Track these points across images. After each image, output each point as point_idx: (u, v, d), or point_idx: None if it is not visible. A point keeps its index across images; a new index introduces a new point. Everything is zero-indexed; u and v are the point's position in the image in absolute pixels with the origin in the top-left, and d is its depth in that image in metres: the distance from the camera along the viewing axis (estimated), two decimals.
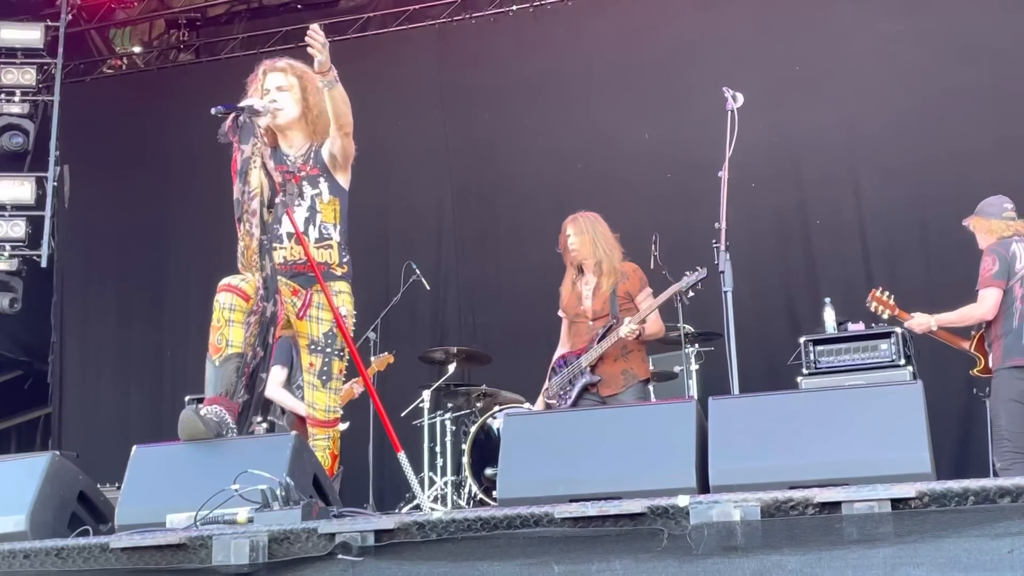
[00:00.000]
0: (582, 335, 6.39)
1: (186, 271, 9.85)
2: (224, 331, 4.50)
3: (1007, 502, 2.82)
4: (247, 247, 4.54)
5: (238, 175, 4.51)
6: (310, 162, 4.92)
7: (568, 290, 6.53)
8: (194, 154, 9.15)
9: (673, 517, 3.10)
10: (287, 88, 4.88)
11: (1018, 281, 5.90)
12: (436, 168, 9.78)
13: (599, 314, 6.31)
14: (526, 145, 9.47)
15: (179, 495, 3.79)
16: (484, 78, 9.84)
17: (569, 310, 6.50)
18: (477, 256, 9.66)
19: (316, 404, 4.86)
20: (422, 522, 3.35)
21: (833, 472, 3.28)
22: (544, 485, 3.62)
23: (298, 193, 4.85)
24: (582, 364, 6.28)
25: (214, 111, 4.54)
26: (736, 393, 4.80)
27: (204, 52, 11.04)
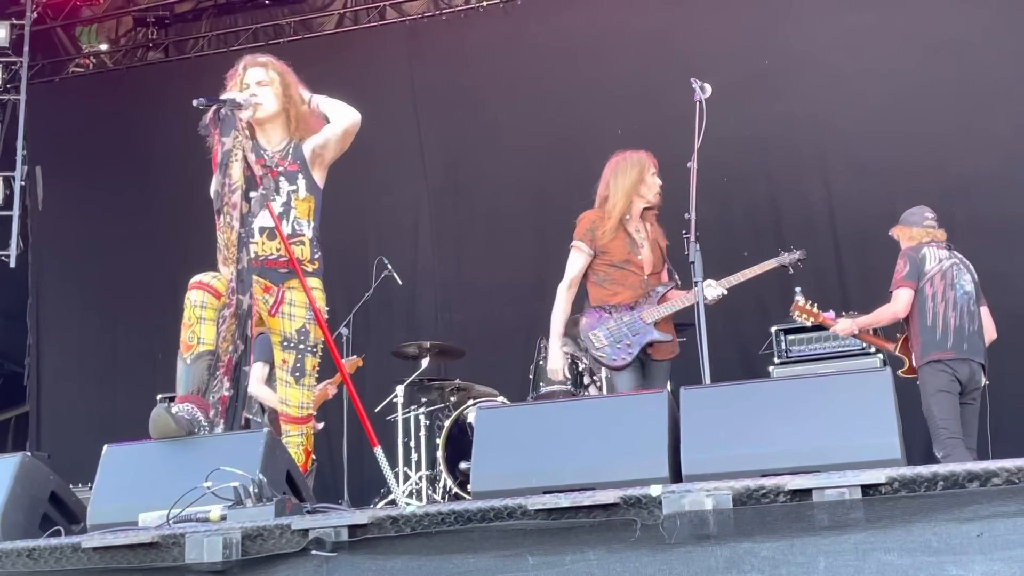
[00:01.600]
0: (628, 286, 5.87)
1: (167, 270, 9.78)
2: (195, 328, 4.49)
3: (976, 486, 2.84)
4: (228, 239, 4.53)
5: (218, 167, 4.51)
6: (288, 157, 4.92)
7: (612, 229, 5.86)
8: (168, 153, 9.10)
9: (646, 507, 3.11)
10: (267, 83, 4.88)
11: (928, 281, 6.30)
12: (411, 166, 9.75)
13: (655, 269, 5.93)
14: (499, 141, 9.47)
15: (151, 494, 3.76)
16: (456, 75, 9.82)
17: (616, 253, 5.87)
18: (452, 252, 9.65)
19: (289, 401, 4.85)
20: (396, 516, 3.34)
21: (804, 459, 3.29)
22: (517, 478, 3.61)
23: (274, 187, 4.84)
24: (646, 319, 5.80)
25: (196, 103, 4.56)
26: (708, 383, 4.82)
27: (173, 50, 10.97)
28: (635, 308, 5.81)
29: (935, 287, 6.28)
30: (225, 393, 4.40)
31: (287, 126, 4.95)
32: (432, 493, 7.57)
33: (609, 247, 5.84)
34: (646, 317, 5.76)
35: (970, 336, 6.22)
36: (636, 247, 5.84)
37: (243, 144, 4.59)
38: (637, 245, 5.85)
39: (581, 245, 5.88)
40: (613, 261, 5.84)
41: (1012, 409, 7.20)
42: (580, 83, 9.32)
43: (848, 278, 7.95)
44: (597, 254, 5.88)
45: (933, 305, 6.27)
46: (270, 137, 4.94)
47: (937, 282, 6.29)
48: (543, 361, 7.29)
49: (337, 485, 7.87)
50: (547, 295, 9.11)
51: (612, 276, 5.87)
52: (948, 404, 6.09)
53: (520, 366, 8.20)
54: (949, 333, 6.20)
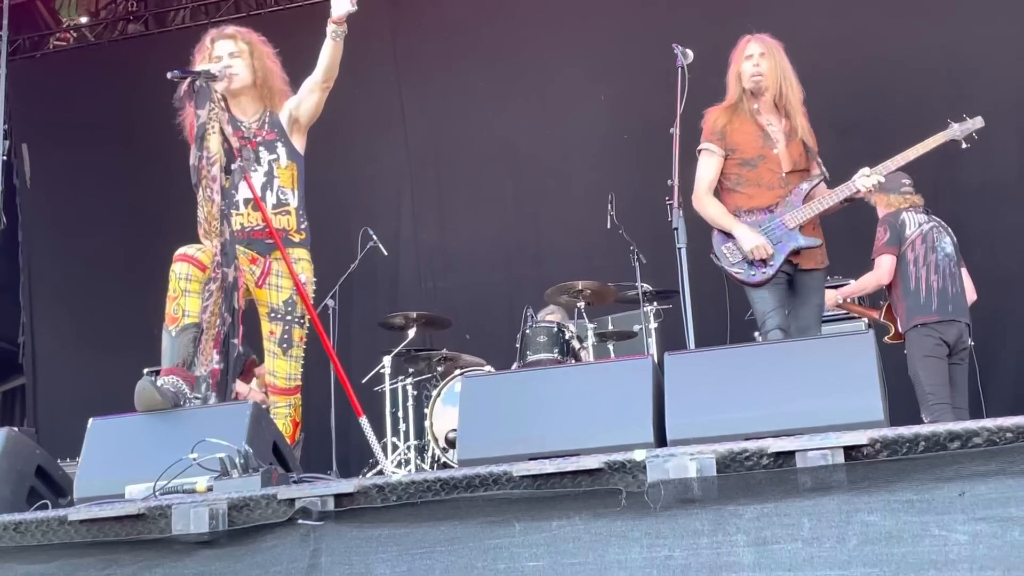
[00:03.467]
0: (766, 186, 5.26)
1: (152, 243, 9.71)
2: (180, 301, 4.48)
3: (956, 446, 2.85)
4: (208, 213, 4.51)
5: (195, 140, 4.48)
6: (265, 127, 4.93)
7: (735, 120, 5.30)
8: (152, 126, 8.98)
9: (630, 472, 3.11)
10: (238, 54, 4.90)
11: (909, 246, 6.34)
12: (393, 135, 9.72)
13: (797, 166, 5.29)
14: (482, 110, 9.45)
15: (137, 466, 3.76)
16: (438, 44, 9.77)
17: (747, 148, 5.27)
18: (435, 221, 9.65)
19: (276, 372, 4.86)
20: (382, 485, 3.34)
21: (787, 423, 3.29)
22: (503, 445, 3.62)
23: (254, 159, 4.83)
24: (787, 224, 5.18)
25: (171, 75, 4.53)
26: (692, 348, 4.82)
27: (153, 23, 10.90)
28: (775, 211, 5.22)
29: (916, 251, 6.31)
30: (216, 367, 4.39)
31: (260, 96, 4.95)
32: (420, 463, 7.59)
33: (739, 143, 5.26)
34: (788, 221, 5.18)
35: (954, 297, 6.24)
36: (770, 141, 5.26)
37: (219, 116, 4.55)
38: (771, 139, 5.27)
39: (710, 146, 5.29)
40: (744, 158, 5.26)
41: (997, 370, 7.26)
42: (562, 50, 9.30)
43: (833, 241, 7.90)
44: (728, 154, 5.29)
45: (915, 269, 6.30)
46: (244, 108, 4.94)
47: (918, 246, 6.31)
48: (529, 330, 7.31)
49: (325, 456, 7.87)
50: (530, 261, 9.23)
51: (745, 177, 5.27)
52: (936, 369, 6.12)
53: (505, 333, 8.21)
54: (933, 296, 6.22)
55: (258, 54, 4.95)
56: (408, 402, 7.89)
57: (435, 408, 7.42)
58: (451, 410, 7.23)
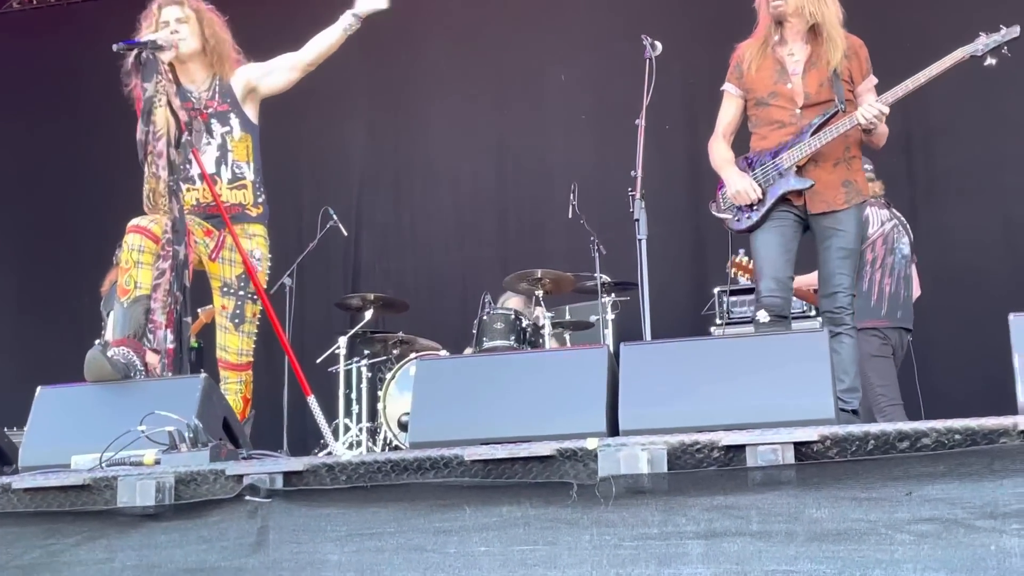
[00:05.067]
0: (776, 125, 4.85)
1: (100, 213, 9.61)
2: (133, 272, 4.44)
3: (905, 446, 2.89)
4: (153, 189, 4.45)
5: (142, 114, 4.41)
6: (216, 97, 4.87)
7: (757, 56, 4.89)
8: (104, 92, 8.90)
9: (582, 460, 3.13)
10: (185, 20, 4.84)
11: (869, 246, 6.21)
12: (351, 109, 9.64)
13: (814, 100, 4.78)
14: (443, 86, 9.41)
15: (85, 437, 3.71)
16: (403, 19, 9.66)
17: (759, 86, 4.88)
18: (391, 199, 9.59)
19: (228, 347, 4.84)
20: (331, 464, 3.34)
21: (739, 417, 3.31)
22: (455, 429, 3.61)
23: (206, 131, 4.79)
24: (782, 164, 4.75)
25: (116, 47, 4.46)
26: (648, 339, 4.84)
27: None
28: (779, 150, 4.80)
29: (876, 252, 6.29)
30: (169, 346, 4.35)
31: (210, 63, 4.90)
32: (372, 445, 7.58)
33: (754, 82, 4.89)
34: (784, 160, 4.75)
35: (904, 302, 6.28)
36: (784, 75, 4.83)
37: (167, 88, 4.47)
38: (786, 72, 4.83)
39: (730, 88, 4.99)
40: (758, 97, 4.89)
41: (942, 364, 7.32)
42: (525, 30, 9.28)
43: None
44: (746, 95, 4.96)
45: (871, 271, 6.26)
46: (193, 76, 4.88)
47: (878, 247, 6.29)
48: (487, 316, 7.32)
49: (277, 434, 7.84)
50: (488, 243, 9.22)
51: (760, 116, 4.91)
52: (884, 369, 6.14)
53: (460, 317, 8.21)
54: (884, 300, 6.24)
55: (207, 20, 4.89)
56: (362, 384, 7.87)
57: (389, 391, 7.42)
58: (405, 394, 7.23)
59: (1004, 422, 2.87)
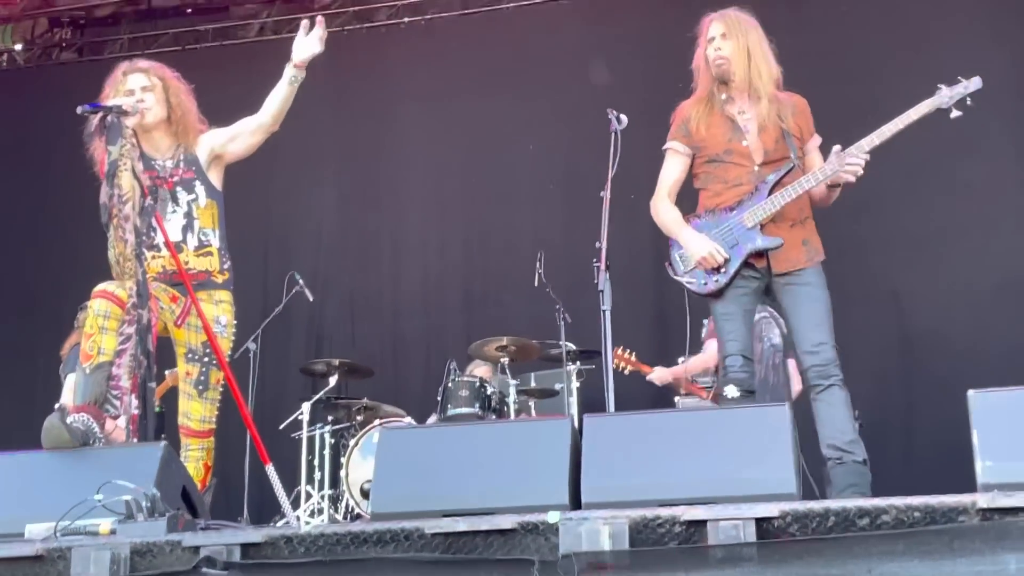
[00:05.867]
0: (732, 183, 4.73)
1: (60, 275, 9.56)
2: (97, 338, 4.40)
3: (865, 523, 2.89)
4: (121, 253, 4.43)
5: (106, 177, 4.40)
6: (181, 166, 4.86)
7: (704, 114, 4.82)
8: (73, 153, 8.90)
9: (543, 533, 3.12)
10: (151, 88, 4.83)
11: None
12: (320, 173, 9.67)
13: (771, 157, 4.71)
14: (412, 153, 9.47)
15: (40, 505, 3.67)
16: (375, 86, 9.78)
17: (712, 144, 4.78)
18: (358, 264, 9.59)
19: (191, 414, 4.80)
20: (290, 536, 3.31)
21: (702, 491, 3.31)
22: (418, 500, 3.60)
23: (171, 199, 4.78)
24: (745, 223, 4.64)
25: (80, 110, 4.45)
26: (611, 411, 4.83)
27: (88, 52, 10.79)
28: (738, 209, 4.69)
29: None
30: (134, 412, 4.32)
31: (174, 132, 4.89)
32: (334, 513, 7.50)
33: (705, 139, 4.79)
34: (747, 219, 4.64)
35: (773, 388, 6.36)
36: (738, 132, 4.76)
37: (130, 153, 4.47)
38: (740, 130, 4.76)
39: (675, 145, 4.89)
40: (711, 155, 4.78)
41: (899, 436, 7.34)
42: (495, 100, 9.36)
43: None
44: (695, 152, 4.87)
45: None
46: (157, 145, 4.87)
47: None
48: (452, 383, 7.30)
49: (238, 502, 7.76)
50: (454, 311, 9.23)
51: (712, 173, 4.80)
52: None
53: (424, 383, 8.19)
54: None
55: (173, 89, 4.89)
56: (325, 450, 7.79)
57: (352, 458, 7.35)
58: (368, 460, 7.16)
59: (963, 500, 2.89)
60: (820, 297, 4.65)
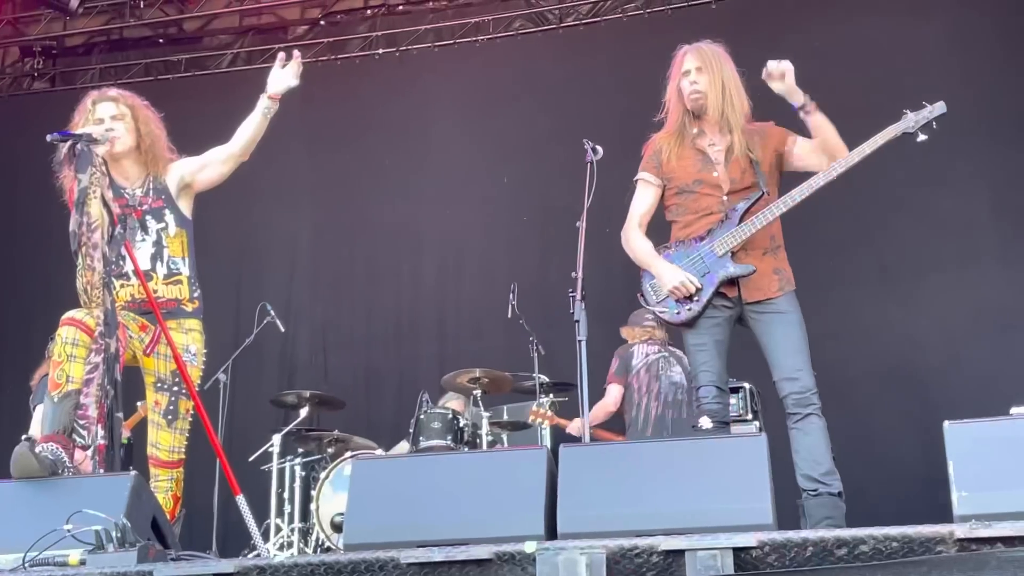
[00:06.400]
0: (703, 212, 4.74)
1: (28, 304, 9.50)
2: (65, 366, 4.35)
3: (843, 553, 2.89)
4: (89, 282, 4.38)
5: (75, 205, 4.37)
6: (151, 194, 4.85)
7: (675, 146, 4.83)
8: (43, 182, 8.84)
9: (520, 564, 3.10)
10: (120, 117, 4.83)
11: (635, 376, 6.83)
12: (293, 204, 9.69)
13: (739, 185, 4.73)
14: (385, 185, 9.50)
15: (8, 535, 3.63)
16: (348, 118, 9.79)
17: (682, 175, 4.80)
18: (331, 295, 9.60)
19: (159, 444, 4.75)
20: (263, 567, 3.28)
21: (679, 521, 3.30)
22: (391, 531, 3.57)
23: (140, 227, 4.77)
24: (716, 251, 4.64)
25: (50, 138, 4.43)
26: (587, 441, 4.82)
27: (60, 81, 10.77)
28: (708, 238, 4.70)
29: (640, 380, 6.81)
30: (101, 442, 4.27)
31: (144, 161, 4.88)
32: (304, 547, 7.44)
33: (676, 171, 4.80)
34: (718, 248, 4.64)
35: (673, 424, 6.64)
36: (709, 164, 4.77)
37: (100, 181, 4.42)
38: (711, 162, 4.77)
39: (647, 176, 4.89)
40: (681, 186, 4.79)
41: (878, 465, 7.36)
42: (468, 132, 9.42)
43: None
44: (666, 183, 4.87)
45: (639, 397, 6.78)
46: (127, 173, 4.86)
47: (643, 375, 6.81)
48: (424, 415, 7.27)
49: (207, 533, 7.68)
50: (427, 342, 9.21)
51: (683, 204, 4.80)
52: None
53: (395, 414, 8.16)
54: (650, 422, 6.67)
55: (142, 118, 4.88)
56: (295, 483, 7.74)
57: (322, 491, 7.30)
58: (339, 493, 7.12)
59: (940, 530, 2.89)
60: (795, 323, 4.63)
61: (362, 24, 10.27)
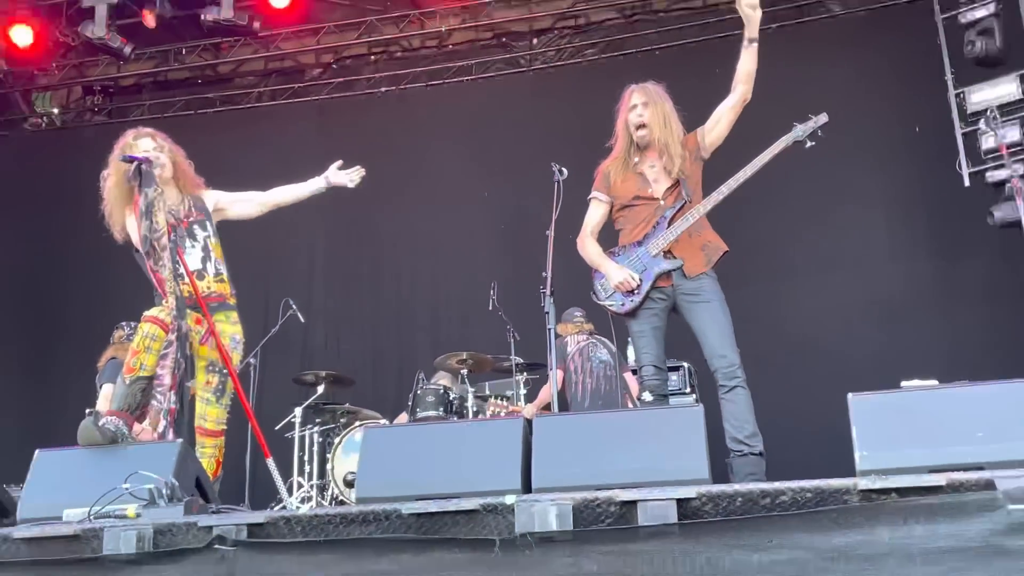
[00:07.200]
0: (640, 220, 4.79)
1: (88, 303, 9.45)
2: (142, 356, 4.37)
3: (767, 502, 2.90)
4: (164, 279, 4.44)
5: (143, 215, 4.39)
6: (192, 210, 4.88)
7: (620, 171, 4.87)
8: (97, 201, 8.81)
9: (501, 513, 3.10)
10: (159, 149, 4.87)
11: (571, 360, 6.90)
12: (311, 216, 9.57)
13: (669, 197, 4.79)
14: (387, 200, 9.43)
15: (76, 493, 3.61)
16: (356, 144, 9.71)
17: (625, 194, 4.84)
18: (343, 292, 9.58)
19: (208, 416, 4.75)
20: (289, 517, 3.27)
21: (632, 477, 3.30)
22: (395, 487, 3.56)
23: (188, 235, 4.78)
24: (650, 252, 4.70)
25: (122, 159, 4.54)
26: (556, 412, 4.83)
27: (115, 115, 10.71)
28: (644, 242, 4.75)
29: (575, 362, 6.88)
30: (172, 406, 4.26)
31: (178, 186, 4.92)
32: (322, 500, 7.42)
33: (621, 191, 4.85)
34: (651, 249, 4.70)
35: (605, 395, 6.67)
36: (647, 184, 4.81)
37: (161, 196, 4.53)
38: (648, 181, 4.81)
39: (599, 195, 4.92)
40: (624, 203, 4.84)
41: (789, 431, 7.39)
42: (456, 155, 9.41)
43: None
44: (613, 201, 4.90)
45: (576, 376, 6.83)
46: (168, 196, 4.86)
47: (576, 359, 6.89)
48: (420, 391, 7.25)
49: (240, 492, 7.64)
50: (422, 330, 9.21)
51: (626, 216, 4.85)
52: None
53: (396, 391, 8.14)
54: (587, 395, 6.71)
55: (174, 152, 4.93)
56: (314, 447, 7.72)
57: (336, 454, 7.29)
58: (350, 456, 7.11)
59: (847, 483, 2.90)
60: (720, 309, 4.64)
61: (367, 67, 10.26)
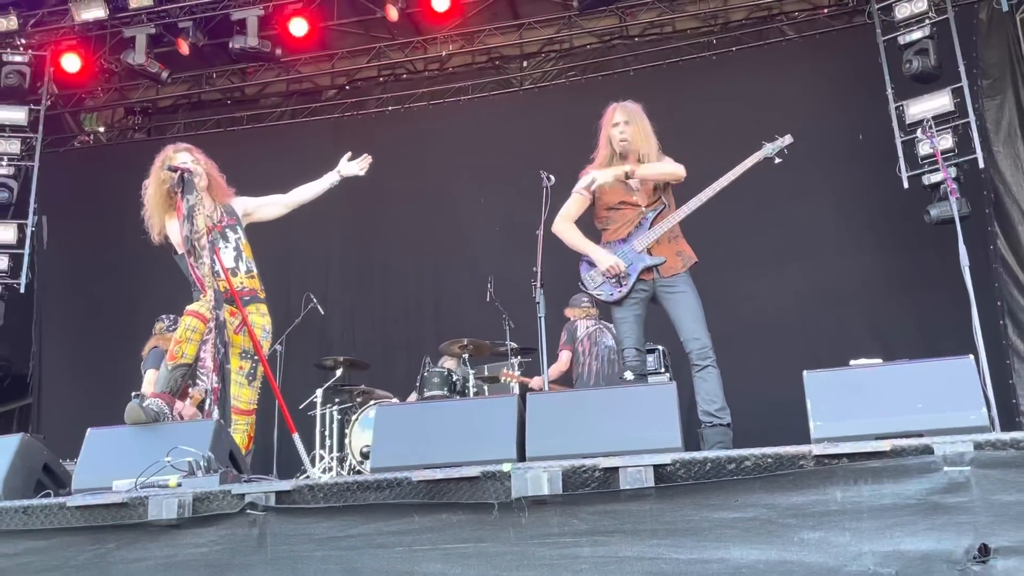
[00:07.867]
0: (625, 222, 4.77)
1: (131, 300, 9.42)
2: (183, 346, 4.39)
3: (733, 467, 2.92)
4: (205, 275, 4.47)
5: (185, 218, 4.41)
6: (224, 216, 4.87)
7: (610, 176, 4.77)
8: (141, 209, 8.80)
9: (499, 479, 3.12)
10: (196, 162, 4.88)
11: (579, 344, 6.84)
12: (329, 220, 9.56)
13: (650, 201, 4.79)
14: (395, 204, 9.44)
15: (124, 466, 3.62)
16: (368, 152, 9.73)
17: (610, 199, 4.80)
18: (356, 286, 9.56)
19: (240, 397, 4.75)
20: (312, 485, 3.28)
21: (614, 446, 3.32)
22: (405, 457, 3.57)
23: (222, 237, 4.78)
24: (636, 248, 4.71)
25: (168, 167, 4.57)
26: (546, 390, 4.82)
27: (154, 132, 10.67)
28: (628, 240, 4.75)
29: (584, 346, 6.81)
30: (215, 385, 4.26)
31: (211, 195, 4.91)
32: (341, 470, 7.42)
33: (604, 194, 4.81)
34: (636, 246, 4.70)
35: (608, 376, 6.61)
36: (630, 190, 4.80)
37: (201, 202, 4.57)
38: (631, 189, 4.80)
39: (582, 192, 4.84)
40: (609, 205, 4.81)
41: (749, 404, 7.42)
42: (456, 165, 9.39)
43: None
44: (595, 199, 4.85)
45: (584, 359, 6.77)
46: (204, 203, 4.86)
47: (586, 343, 6.81)
48: (426, 373, 7.25)
49: (268, 463, 7.64)
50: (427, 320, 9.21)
51: (611, 217, 4.81)
52: None
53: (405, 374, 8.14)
54: (592, 376, 6.68)
55: (207, 165, 4.94)
56: (333, 424, 7.71)
57: (353, 429, 7.28)
58: (366, 431, 7.10)
59: (802, 450, 2.92)
60: (693, 299, 4.66)
61: (376, 88, 10.22)
